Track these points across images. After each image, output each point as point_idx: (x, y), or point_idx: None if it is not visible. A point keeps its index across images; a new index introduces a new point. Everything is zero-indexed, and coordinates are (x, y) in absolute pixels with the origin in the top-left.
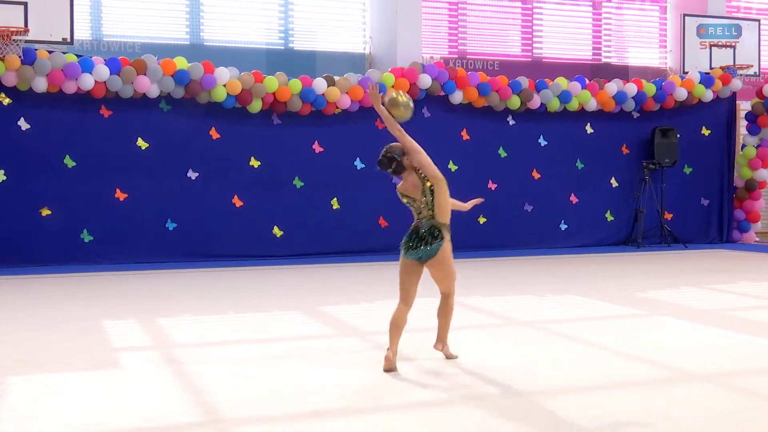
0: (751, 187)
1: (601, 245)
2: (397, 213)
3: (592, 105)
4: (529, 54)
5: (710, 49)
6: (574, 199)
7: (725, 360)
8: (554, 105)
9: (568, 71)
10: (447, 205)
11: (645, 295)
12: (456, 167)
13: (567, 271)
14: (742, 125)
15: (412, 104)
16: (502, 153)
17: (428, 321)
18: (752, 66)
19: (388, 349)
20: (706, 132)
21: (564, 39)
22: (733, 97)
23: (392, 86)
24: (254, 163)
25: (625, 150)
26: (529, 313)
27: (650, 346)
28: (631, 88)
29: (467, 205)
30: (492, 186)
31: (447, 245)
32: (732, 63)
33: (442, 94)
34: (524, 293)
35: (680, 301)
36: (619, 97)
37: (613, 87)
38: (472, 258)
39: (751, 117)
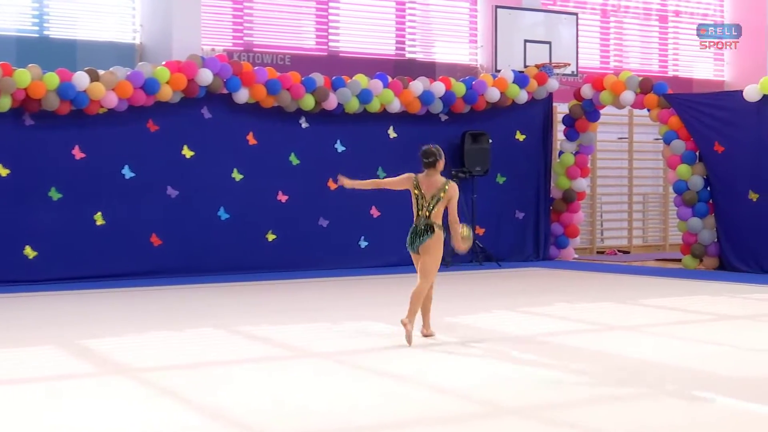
0: (569, 198)
1: (405, 264)
2: (172, 230)
3: (395, 106)
4: (325, 47)
5: (524, 45)
6: (375, 212)
7: (539, 391)
8: (353, 105)
9: (369, 68)
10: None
11: (454, 320)
12: (241, 176)
13: (367, 295)
14: (559, 130)
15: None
16: (294, 160)
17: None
18: (569, 64)
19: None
20: (520, 137)
21: (364, 31)
22: (550, 98)
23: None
24: (1, 171)
25: None
26: (323, 344)
27: (459, 378)
28: (439, 88)
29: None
30: (282, 198)
31: (438, 238)
32: (548, 61)
33: (225, 92)
34: (318, 320)
35: (493, 326)
36: (426, 98)
37: (418, 86)
38: (258, 281)
39: (568, 121)
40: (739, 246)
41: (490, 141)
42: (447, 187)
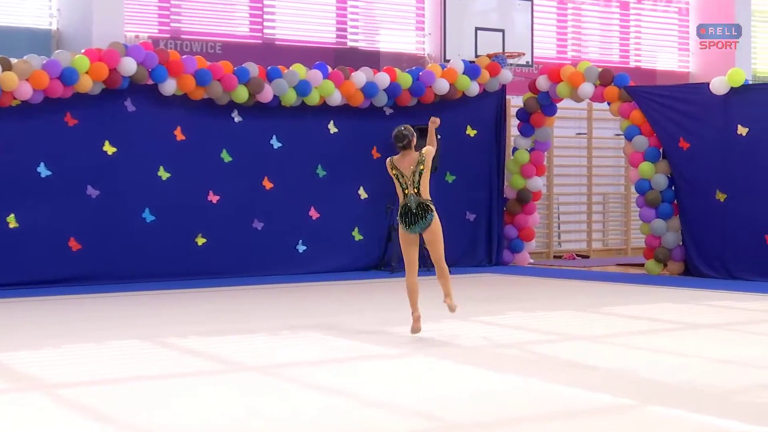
0: (524, 198)
1: (347, 270)
2: (92, 233)
3: (335, 98)
4: (259, 35)
5: (476, 32)
6: (314, 213)
7: (497, 407)
8: (290, 98)
9: (307, 57)
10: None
11: (401, 329)
12: (168, 175)
13: (306, 303)
14: (513, 124)
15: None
16: (226, 157)
17: None
18: (524, 54)
19: (412, 313)
20: (471, 132)
21: (302, 17)
22: (503, 90)
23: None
24: None
25: (375, 153)
26: (258, 356)
27: (409, 392)
28: (383, 79)
29: None
30: (213, 198)
31: (437, 218)
32: (501, 50)
33: (151, 82)
34: (252, 331)
35: (443, 336)
36: (369, 90)
37: (361, 77)
38: (187, 288)
39: (523, 115)
40: (706, 250)
41: (439, 136)
42: (423, 154)
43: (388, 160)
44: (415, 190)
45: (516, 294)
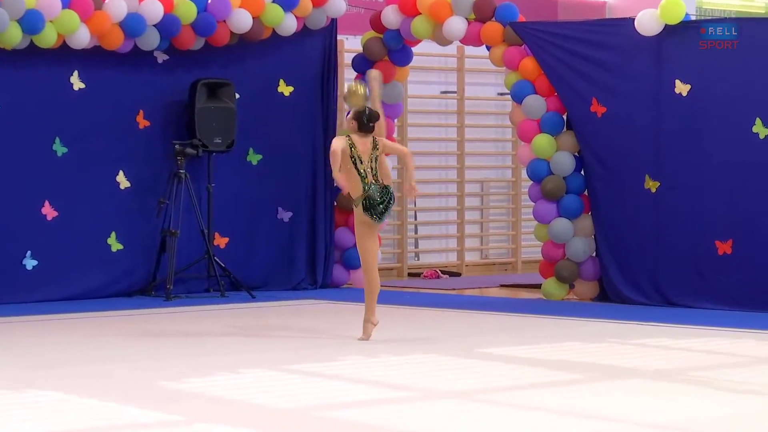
0: None
1: (101, 295)
2: None
3: (81, 38)
4: None
5: None
6: (50, 211)
7: None
8: (12, 37)
9: None
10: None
11: (181, 386)
12: None
13: (40, 346)
14: (347, 78)
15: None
16: None
17: None
18: None
19: (370, 319)
20: (285, 90)
21: None
22: (333, 28)
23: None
24: None
25: (142, 121)
26: None
27: None
28: (153, 9)
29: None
30: None
31: None
32: None
33: None
34: None
35: (240, 394)
36: (131, 25)
37: (119, 6)
38: None
39: (362, 63)
40: (630, 263)
41: (238, 96)
42: (375, 139)
43: (341, 138)
44: (374, 178)
45: (352, 330)
